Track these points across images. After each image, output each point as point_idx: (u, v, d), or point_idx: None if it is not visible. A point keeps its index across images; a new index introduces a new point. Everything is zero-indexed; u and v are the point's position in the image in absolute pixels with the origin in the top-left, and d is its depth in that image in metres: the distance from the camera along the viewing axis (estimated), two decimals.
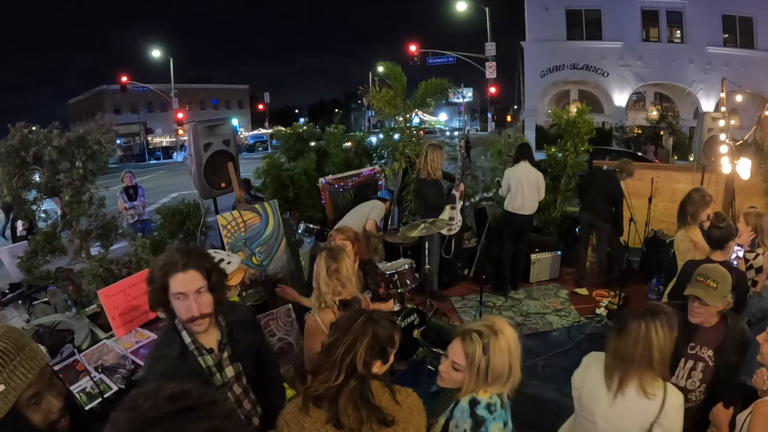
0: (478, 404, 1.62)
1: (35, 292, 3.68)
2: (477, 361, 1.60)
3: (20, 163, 3.41)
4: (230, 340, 1.85)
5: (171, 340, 1.73)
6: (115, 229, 3.84)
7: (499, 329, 1.64)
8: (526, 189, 5.50)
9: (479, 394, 1.63)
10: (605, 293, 5.54)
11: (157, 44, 29.62)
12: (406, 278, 4.38)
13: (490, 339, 1.61)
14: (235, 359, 1.86)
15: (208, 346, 1.78)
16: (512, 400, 1.75)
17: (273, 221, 4.21)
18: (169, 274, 1.64)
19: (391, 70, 6.11)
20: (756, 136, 6.15)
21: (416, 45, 20.00)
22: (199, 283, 1.66)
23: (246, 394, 1.92)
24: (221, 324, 1.84)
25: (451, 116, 51.21)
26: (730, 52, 19.35)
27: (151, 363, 1.76)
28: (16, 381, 1.10)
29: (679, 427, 1.79)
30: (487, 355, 1.60)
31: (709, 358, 2.26)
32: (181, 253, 1.68)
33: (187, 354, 1.72)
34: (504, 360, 1.62)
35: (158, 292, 1.66)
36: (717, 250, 2.96)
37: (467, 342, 1.63)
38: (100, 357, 2.80)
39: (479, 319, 1.74)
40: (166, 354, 1.71)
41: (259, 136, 42.20)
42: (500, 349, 1.61)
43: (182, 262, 1.64)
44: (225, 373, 1.82)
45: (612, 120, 21.78)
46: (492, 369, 1.60)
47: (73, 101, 48.38)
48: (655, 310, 1.82)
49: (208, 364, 1.77)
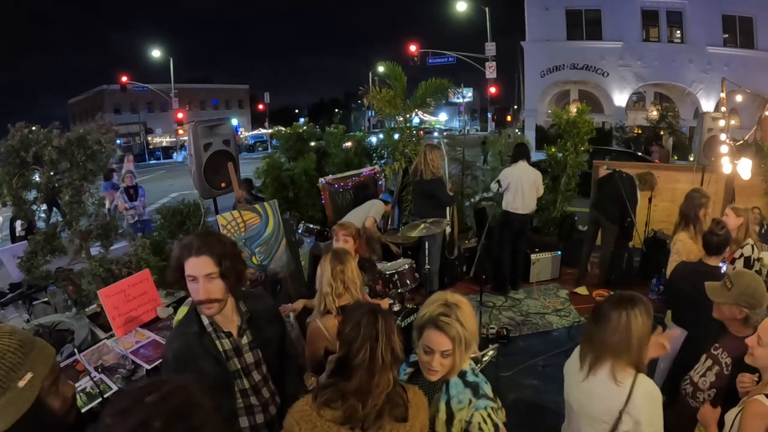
0: (465, 374, 1.73)
1: (35, 292, 3.68)
2: (462, 337, 1.67)
3: (20, 163, 3.41)
4: (252, 328, 1.91)
5: (191, 320, 1.81)
6: (115, 229, 3.84)
7: (455, 302, 1.73)
8: (525, 188, 5.50)
9: (463, 365, 1.73)
10: (605, 293, 5.54)
11: (157, 44, 29.65)
12: (406, 278, 4.38)
13: (457, 313, 1.68)
14: (255, 346, 1.90)
15: (227, 329, 1.84)
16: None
17: (273, 221, 4.21)
18: (184, 256, 1.71)
19: (391, 70, 6.11)
20: (756, 136, 6.15)
21: (416, 45, 19.98)
22: (209, 269, 1.70)
23: (266, 382, 1.94)
24: (242, 310, 1.90)
25: (451, 116, 51.22)
26: (730, 52, 19.35)
27: (171, 339, 1.86)
28: (40, 368, 1.15)
29: (653, 418, 1.77)
30: (465, 327, 1.68)
31: (726, 365, 2.21)
32: (198, 238, 1.75)
33: (204, 334, 1.79)
34: (473, 323, 1.73)
35: (175, 271, 1.74)
36: (712, 255, 3.02)
37: (445, 327, 1.67)
38: (100, 357, 2.80)
39: (426, 305, 1.77)
40: (186, 331, 1.80)
41: (259, 136, 42.20)
42: (467, 315, 1.71)
43: (196, 247, 1.70)
44: (244, 358, 1.87)
45: (612, 120, 21.79)
46: (471, 336, 1.71)
47: (73, 101, 48.38)
48: (633, 298, 1.84)
49: (225, 348, 1.82)
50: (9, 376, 1.09)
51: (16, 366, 1.10)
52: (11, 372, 1.09)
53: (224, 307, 1.78)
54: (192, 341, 1.76)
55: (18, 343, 1.14)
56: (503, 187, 5.55)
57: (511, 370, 4.10)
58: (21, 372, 1.10)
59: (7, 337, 1.14)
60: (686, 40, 20.35)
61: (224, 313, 1.80)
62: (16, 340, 1.15)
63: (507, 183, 5.54)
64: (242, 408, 1.86)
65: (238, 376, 1.85)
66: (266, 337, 1.95)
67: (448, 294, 1.77)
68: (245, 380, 1.86)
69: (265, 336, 1.94)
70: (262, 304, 2.03)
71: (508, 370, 4.06)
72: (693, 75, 20.17)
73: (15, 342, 1.14)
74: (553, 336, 4.80)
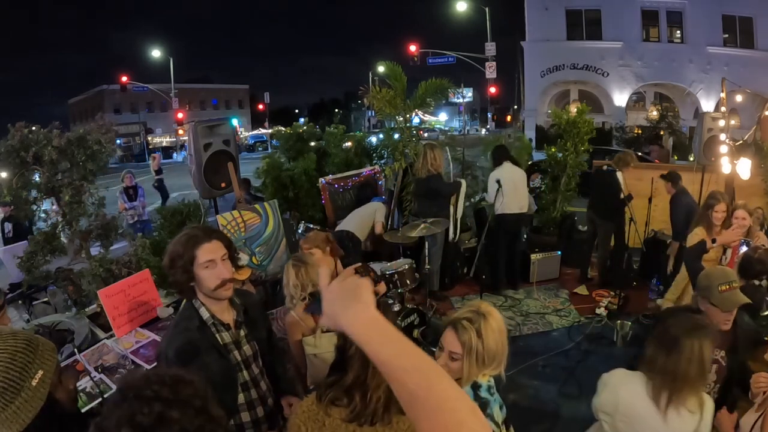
0: (480, 387, 1.67)
1: (35, 292, 3.68)
2: (474, 346, 1.64)
3: (20, 163, 3.41)
4: (247, 320, 1.95)
5: (191, 316, 1.83)
6: (115, 229, 3.84)
7: (486, 312, 1.70)
8: (519, 187, 5.52)
9: (479, 378, 1.68)
10: (605, 293, 5.54)
11: (157, 44, 29.57)
12: (406, 278, 4.38)
13: (480, 323, 1.66)
14: (251, 338, 1.95)
15: (226, 323, 1.87)
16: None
17: (273, 221, 4.21)
18: (196, 246, 1.75)
19: (391, 70, 6.10)
20: (756, 136, 6.15)
21: (416, 45, 19.98)
22: (222, 250, 1.80)
23: (263, 375, 2.00)
24: (236, 303, 1.93)
25: (451, 116, 51.18)
26: (730, 52, 19.37)
27: (171, 336, 1.82)
28: (48, 365, 1.18)
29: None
30: (482, 339, 1.65)
31: (722, 359, 2.26)
32: (199, 228, 1.84)
33: (205, 328, 1.81)
34: (497, 340, 1.68)
35: (185, 267, 1.75)
36: (743, 279, 2.82)
37: (460, 330, 1.66)
38: (100, 357, 2.80)
39: (463, 306, 1.78)
40: (188, 327, 1.79)
41: (259, 136, 42.17)
42: (492, 330, 1.67)
43: (207, 233, 1.80)
44: (243, 350, 1.90)
45: (612, 120, 21.80)
46: (488, 351, 1.66)
47: (73, 101, 48.36)
48: (702, 326, 1.77)
49: (226, 341, 1.85)
50: (22, 376, 1.11)
51: (27, 365, 1.13)
52: (23, 371, 1.11)
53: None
54: (194, 336, 1.77)
55: (25, 343, 1.16)
56: (492, 191, 5.42)
57: (511, 370, 4.09)
58: (32, 371, 1.13)
59: (12, 339, 1.15)
60: (686, 40, 20.37)
61: (222, 306, 1.84)
62: (23, 339, 1.16)
63: (500, 185, 5.43)
64: (243, 404, 1.89)
65: (239, 369, 1.87)
66: (259, 330, 2.01)
67: (485, 305, 1.76)
68: (246, 372, 1.90)
69: (258, 329, 2.00)
70: (251, 299, 2.12)
71: (508, 370, 4.04)
72: (693, 75, 20.18)
73: (22, 342, 1.15)
74: (553, 336, 4.80)
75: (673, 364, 1.70)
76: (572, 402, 3.66)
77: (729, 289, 2.19)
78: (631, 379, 1.83)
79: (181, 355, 1.71)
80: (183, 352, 1.72)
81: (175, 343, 1.76)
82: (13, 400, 1.08)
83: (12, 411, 1.07)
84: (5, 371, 1.09)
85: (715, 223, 3.56)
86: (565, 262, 6.23)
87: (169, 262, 1.78)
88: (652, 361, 1.77)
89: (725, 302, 2.17)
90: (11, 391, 1.08)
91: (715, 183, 5.61)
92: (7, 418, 1.07)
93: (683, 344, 1.69)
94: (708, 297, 2.21)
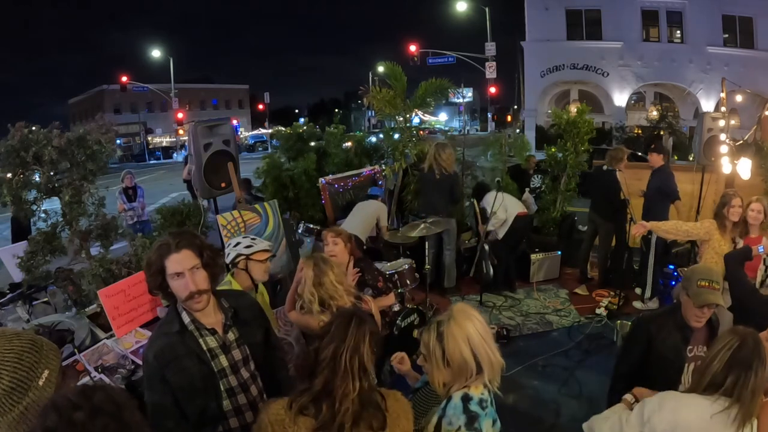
0: (470, 400, 1.61)
1: (35, 292, 3.68)
2: (432, 348, 1.61)
3: (20, 163, 3.41)
4: (237, 323, 1.91)
5: (171, 320, 1.80)
6: (115, 229, 3.84)
7: (454, 315, 1.63)
8: (510, 204, 5.55)
9: (471, 389, 1.62)
10: (605, 293, 5.54)
11: (157, 44, 29.59)
12: (406, 278, 4.38)
13: (444, 326, 1.61)
14: (242, 342, 1.90)
15: (211, 327, 1.83)
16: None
17: (273, 221, 4.22)
18: (164, 256, 1.72)
19: (391, 70, 6.11)
20: (756, 136, 6.14)
21: (416, 45, 20.01)
22: (192, 261, 1.74)
23: (254, 379, 1.94)
24: (225, 306, 1.90)
25: (451, 116, 51.16)
26: (730, 52, 19.37)
27: (151, 340, 1.82)
28: (53, 364, 1.18)
29: None
30: (442, 343, 1.60)
31: (705, 354, 2.26)
32: (173, 235, 1.77)
33: (186, 333, 1.77)
34: (458, 346, 1.59)
35: (156, 275, 1.74)
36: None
37: (425, 331, 1.64)
38: (100, 357, 2.81)
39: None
40: (167, 331, 1.78)
41: (259, 136, 42.20)
42: (452, 335, 1.60)
43: (174, 243, 1.73)
44: (232, 355, 1.86)
45: (612, 120, 21.81)
46: (449, 356, 1.59)
47: (73, 101, 48.38)
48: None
49: (210, 346, 1.81)
50: (30, 376, 1.11)
51: (34, 365, 1.13)
52: (31, 371, 1.12)
53: (210, 301, 1.80)
54: (174, 340, 1.74)
55: (30, 343, 1.16)
56: (501, 214, 5.45)
57: (511, 370, 4.10)
58: (39, 371, 1.13)
59: (17, 339, 1.15)
60: (686, 40, 20.37)
61: (205, 310, 1.80)
62: (27, 340, 1.17)
63: (498, 205, 5.41)
64: (230, 410, 1.85)
65: (225, 374, 1.83)
66: (252, 333, 1.95)
67: (465, 307, 1.69)
68: (233, 378, 1.85)
69: (250, 332, 1.95)
70: (244, 300, 2.05)
71: (508, 370, 4.04)
72: (693, 75, 20.19)
73: (26, 342, 1.16)
74: (553, 336, 4.80)
75: (761, 381, 1.62)
76: (572, 402, 3.65)
77: (707, 286, 2.20)
78: (690, 402, 1.72)
79: (158, 358, 1.72)
80: (160, 356, 1.72)
81: (153, 347, 1.75)
82: (21, 400, 1.08)
83: (20, 411, 1.08)
84: (13, 371, 1.09)
85: (732, 218, 3.60)
86: (565, 262, 6.23)
87: (146, 268, 1.78)
88: (734, 384, 1.64)
89: (698, 297, 2.21)
90: (19, 391, 1.08)
91: (715, 183, 5.61)
92: (14, 418, 1.07)
93: (762, 359, 1.63)
94: (687, 288, 2.27)
